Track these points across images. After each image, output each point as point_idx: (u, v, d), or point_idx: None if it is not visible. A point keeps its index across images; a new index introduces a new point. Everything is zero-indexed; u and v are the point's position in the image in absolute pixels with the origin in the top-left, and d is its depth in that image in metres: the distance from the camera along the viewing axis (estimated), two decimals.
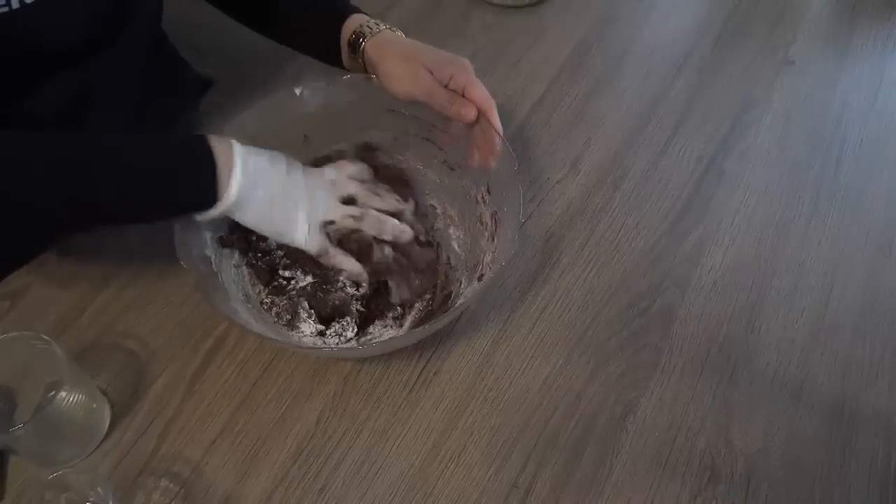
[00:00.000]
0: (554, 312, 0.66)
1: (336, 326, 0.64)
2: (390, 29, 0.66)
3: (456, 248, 0.69)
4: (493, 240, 0.63)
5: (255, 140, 0.59)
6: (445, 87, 0.62)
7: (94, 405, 0.58)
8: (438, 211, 0.71)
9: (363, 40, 0.65)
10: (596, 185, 0.75)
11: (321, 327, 0.64)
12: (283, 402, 0.61)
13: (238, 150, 0.56)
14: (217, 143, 0.55)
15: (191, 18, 0.74)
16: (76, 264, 0.69)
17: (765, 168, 0.76)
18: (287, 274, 0.66)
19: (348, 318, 0.64)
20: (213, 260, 0.62)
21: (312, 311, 0.64)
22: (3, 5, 0.52)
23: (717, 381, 0.62)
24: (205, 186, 0.54)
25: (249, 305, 0.63)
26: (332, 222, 0.60)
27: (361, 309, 0.64)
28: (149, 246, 0.70)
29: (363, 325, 0.64)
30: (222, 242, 0.63)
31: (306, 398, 0.61)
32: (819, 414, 0.60)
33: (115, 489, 0.56)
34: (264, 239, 0.65)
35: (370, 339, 0.63)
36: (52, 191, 0.51)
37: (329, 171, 0.63)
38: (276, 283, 0.66)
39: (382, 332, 0.64)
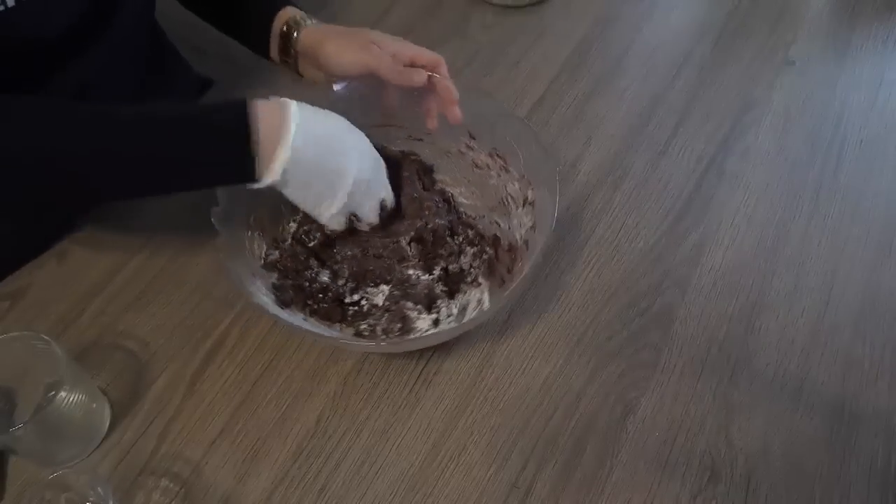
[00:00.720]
0: (554, 312, 0.66)
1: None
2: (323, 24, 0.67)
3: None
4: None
5: None
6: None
7: (94, 405, 0.58)
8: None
9: (296, 31, 0.66)
10: (596, 185, 0.75)
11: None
12: (283, 402, 0.61)
13: (293, 120, 0.54)
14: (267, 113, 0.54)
15: (191, 18, 0.74)
16: (76, 264, 0.69)
17: (765, 168, 0.76)
18: (356, 297, 0.65)
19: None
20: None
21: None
22: None
23: (717, 381, 0.62)
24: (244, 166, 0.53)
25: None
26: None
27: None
28: (149, 246, 0.70)
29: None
30: (278, 300, 0.63)
31: (306, 398, 0.61)
32: (819, 414, 0.60)
33: (115, 489, 0.56)
34: (315, 280, 0.65)
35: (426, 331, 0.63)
36: (88, 152, 0.51)
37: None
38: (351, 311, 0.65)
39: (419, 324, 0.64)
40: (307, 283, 0.65)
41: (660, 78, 0.85)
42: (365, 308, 0.64)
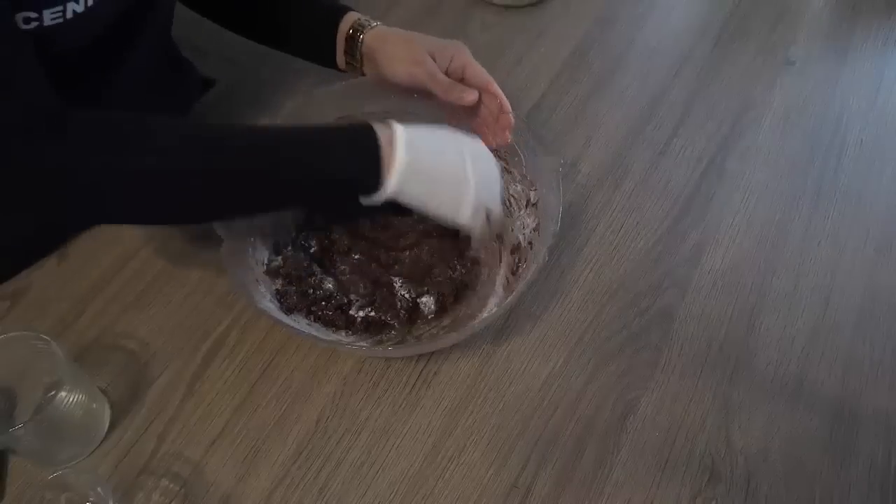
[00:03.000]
0: (554, 312, 0.66)
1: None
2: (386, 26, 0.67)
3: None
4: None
5: None
6: (445, 72, 0.64)
7: (94, 405, 0.58)
8: None
9: (361, 33, 0.66)
10: (596, 185, 0.75)
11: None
12: (283, 402, 0.61)
13: (401, 134, 0.56)
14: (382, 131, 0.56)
15: (191, 18, 0.74)
16: (76, 264, 0.69)
17: (765, 168, 0.76)
18: (362, 314, 0.64)
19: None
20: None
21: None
22: (58, 16, 0.52)
23: (717, 381, 0.61)
24: (370, 168, 0.55)
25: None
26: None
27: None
28: (149, 246, 0.70)
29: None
30: (283, 306, 0.63)
31: (306, 398, 0.61)
32: (819, 414, 0.60)
33: (115, 489, 0.56)
34: (316, 285, 0.65)
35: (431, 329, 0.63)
36: (246, 171, 0.54)
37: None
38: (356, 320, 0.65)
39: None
40: (311, 290, 0.65)
41: (660, 78, 0.85)
42: (371, 319, 0.64)
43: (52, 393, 0.53)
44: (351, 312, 0.64)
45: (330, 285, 0.65)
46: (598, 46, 0.88)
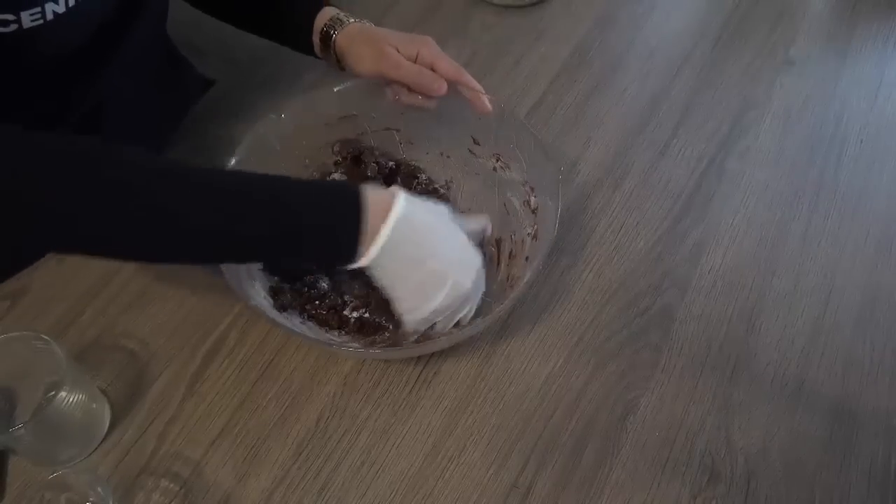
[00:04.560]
0: (554, 312, 0.66)
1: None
2: (360, 21, 0.67)
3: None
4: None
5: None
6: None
7: (94, 405, 0.58)
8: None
9: (334, 32, 0.67)
10: (596, 185, 0.75)
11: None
12: (283, 402, 0.61)
13: (397, 212, 0.51)
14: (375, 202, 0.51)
15: (191, 18, 0.74)
16: (76, 264, 0.69)
17: (765, 168, 0.76)
18: (356, 315, 0.64)
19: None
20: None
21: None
22: (38, 18, 0.51)
23: (717, 381, 0.61)
24: (345, 247, 0.51)
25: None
26: None
27: None
28: None
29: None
30: (277, 303, 0.63)
31: (306, 398, 0.61)
32: (819, 414, 0.60)
33: (115, 489, 0.56)
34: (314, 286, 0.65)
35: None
36: (203, 224, 0.48)
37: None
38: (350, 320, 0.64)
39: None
40: (305, 289, 0.65)
41: (660, 78, 0.85)
42: (364, 320, 0.64)
43: (52, 393, 0.53)
44: (345, 313, 0.64)
45: (325, 284, 0.65)
46: (598, 46, 0.88)
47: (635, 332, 0.64)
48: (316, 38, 0.68)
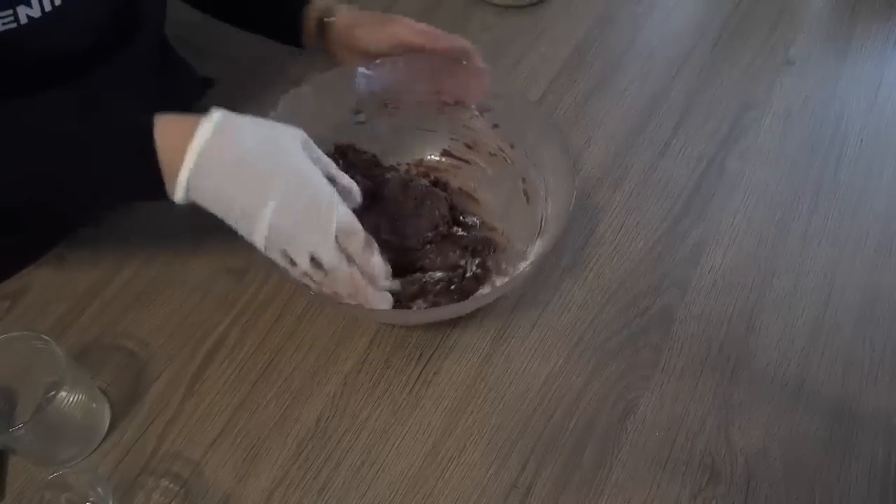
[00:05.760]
0: (554, 312, 0.66)
1: None
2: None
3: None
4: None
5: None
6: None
7: (94, 405, 0.58)
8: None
9: (331, 15, 0.68)
10: (596, 185, 0.75)
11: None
12: (283, 402, 0.61)
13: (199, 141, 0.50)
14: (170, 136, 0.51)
15: (190, 18, 0.74)
16: (76, 264, 0.69)
17: (765, 168, 0.76)
18: None
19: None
20: None
21: None
22: (10, 21, 0.51)
23: (717, 381, 0.62)
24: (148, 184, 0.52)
25: None
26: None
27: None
28: (149, 246, 0.70)
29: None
30: None
31: (306, 398, 0.61)
32: (819, 414, 0.60)
33: (115, 489, 0.56)
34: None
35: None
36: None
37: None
38: None
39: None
40: None
41: (660, 78, 0.85)
42: None
43: (52, 393, 0.53)
44: None
45: None
46: (598, 46, 0.88)
47: (635, 332, 0.64)
48: (311, 24, 0.69)
